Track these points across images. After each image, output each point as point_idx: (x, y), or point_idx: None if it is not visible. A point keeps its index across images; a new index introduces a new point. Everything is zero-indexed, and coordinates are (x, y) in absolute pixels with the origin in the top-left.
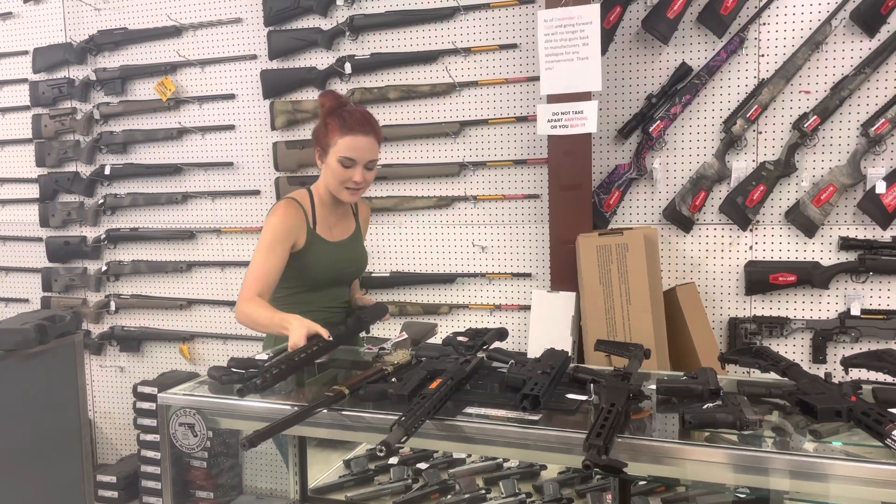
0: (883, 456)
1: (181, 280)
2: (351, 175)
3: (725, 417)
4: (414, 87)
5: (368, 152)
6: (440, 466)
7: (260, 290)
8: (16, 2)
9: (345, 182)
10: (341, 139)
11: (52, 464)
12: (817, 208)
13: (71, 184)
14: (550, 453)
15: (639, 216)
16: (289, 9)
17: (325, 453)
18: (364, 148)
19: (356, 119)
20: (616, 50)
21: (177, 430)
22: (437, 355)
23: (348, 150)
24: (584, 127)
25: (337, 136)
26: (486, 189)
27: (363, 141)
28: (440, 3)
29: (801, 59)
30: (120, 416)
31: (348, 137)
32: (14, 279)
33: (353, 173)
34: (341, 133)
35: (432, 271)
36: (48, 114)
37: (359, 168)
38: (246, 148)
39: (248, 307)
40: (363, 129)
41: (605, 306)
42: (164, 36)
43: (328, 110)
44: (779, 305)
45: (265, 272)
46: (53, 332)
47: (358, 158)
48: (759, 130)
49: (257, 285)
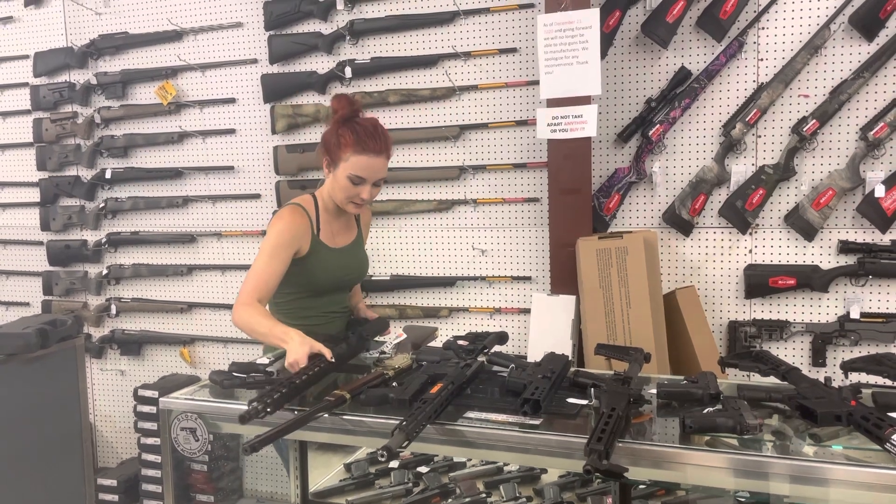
0: (883, 460)
1: (182, 283)
2: (359, 192)
3: (725, 422)
4: (414, 91)
5: (380, 171)
6: (441, 470)
7: (260, 296)
8: (17, 6)
9: (352, 198)
10: (354, 157)
11: (53, 467)
12: (816, 212)
13: (72, 187)
14: (551, 458)
15: (638, 220)
16: (289, 13)
17: (326, 457)
18: (376, 168)
19: (370, 135)
20: (615, 54)
21: (178, 435)
22: (438, 359)
23: (361, 169)
24: (583, 131)
25: (350, 153)
26: (486, 192)
27: (376, 161)
28: (440, 7)
29: (800, 64)
30: (120, 419)
31: (363, 157)
32: (15, 283)
33: (361, 190)
34: (355, 151)
35: (432, 274)
36: (49, 118)
37: (368, 185)
38: (246, 152)
39: (247, 312)
40: (377, 149)
41: (604, 310)
42: (165, 40)
43: (341, 118)
44: (778, 309)
45: (266, 277)
46: (55, 336)
47: (369, 178)
48: (758, 134)
49: (257, 290)
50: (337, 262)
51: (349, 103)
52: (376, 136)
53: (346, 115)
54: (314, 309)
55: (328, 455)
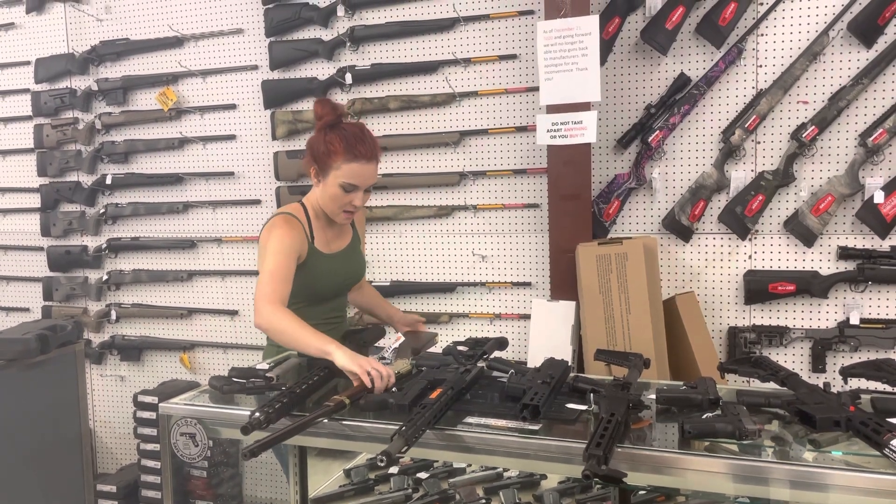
0: (881, 466)
1: (182, 289)
2: (351, 199)
3: (725, 427)
4: (414, 98)
5: (371, 177)
6: (440, 476)
7: (282, 296)
8: (18, 12)
9: (344, 206)
10: (346, 165)
11: (52, 472)
12: (816, 218)
13: (72, 193)
14: (550, 463)
15: (638, 226)
16: (290, 20)
17: (326, 463)
18: (368, 174)
19: (359, 140)
20: (615, 61)
21: (178, 440)
22: (438, 365)
23: (353, 176)
24: (583, 137)
25: (341, 161)
26: (486, 198)
27: (368, 168)
28: (440, 13)
29: (798, 70)
30: (120, 425)
31: (354, 165)
32: (15, 288)
33: (353, 197)
34: (346, 158)
35: (432, 280)
36: (50, 124)
37: (360, 192)
38: (247, 158)
39: (277, 316)
40: (367, 155)
41: (604, 316)
42: (166, 46)
43: (327, 124)
44: (778, 315)
45: (283, 275)
46: (55, 342)
47: (361, 185)
48: (757, 140)
49: (278, 291)
50: (335, 268)
51: (333, 109)
52: (365, 141)
53: (332, 122)
54: (316, 317)
55: (328, 461)
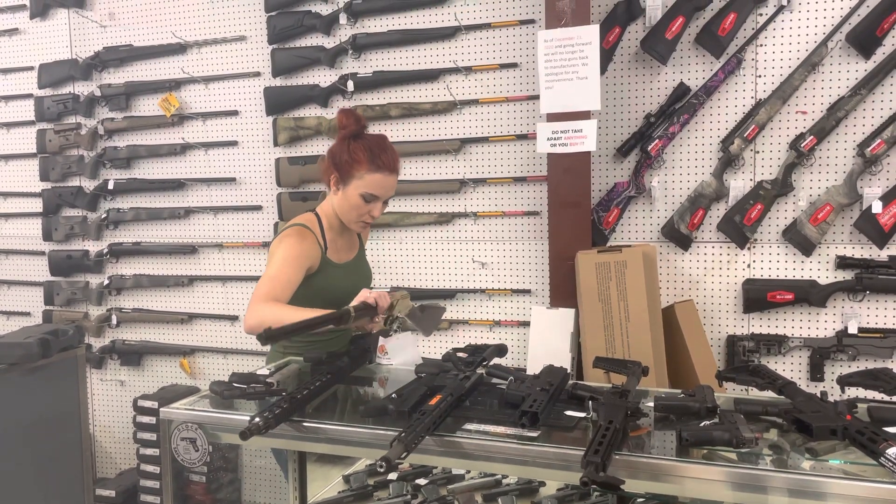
0: (877, 474)
1: (182, 294)
2: (370, 209)
3: (722, 435)
4: (415, 105)
5: (392, 189)
6: (439, 482)
7: (278, 298)
8: (22, 18)
9: (363, 216)
10: (369, 175)
11: (52, 477)
12: (814, 227)
13: (74, 198)
14: (549, 470)
15: (637, 234)
16: (292, 27)
17: (325, 468)
18: (390, 185)
19: (383, 151)
20: (615, 70)
21: (178, 445)
22: (437, 371)
23: (375, 187)
24: (583, 145)
25: (364, 171)
26: (487, 206)
27: (390, 179)
28: (442, 22)
29: (797, 80)
30: (120, 429)
31: (378, 175)
32: (16, 292)
33: (372, 207)
34: (370, 169)
35: (432, 287)
36: (53, 129)
37: (379, 203)
38: (248, 164)
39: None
40: (390, 167)
41: (603, 323)
42: (169, 53)
43: (350, 134)
44: (776, 323)
45: (282, 281)
46: (56, 346)
47: (382, 196)
48: (756, 150)
49: (271, 293)
50: (346, 278)
51: (357, 120)
52: (388, 153)
53: (354, 132)
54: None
55: (327, 467)
